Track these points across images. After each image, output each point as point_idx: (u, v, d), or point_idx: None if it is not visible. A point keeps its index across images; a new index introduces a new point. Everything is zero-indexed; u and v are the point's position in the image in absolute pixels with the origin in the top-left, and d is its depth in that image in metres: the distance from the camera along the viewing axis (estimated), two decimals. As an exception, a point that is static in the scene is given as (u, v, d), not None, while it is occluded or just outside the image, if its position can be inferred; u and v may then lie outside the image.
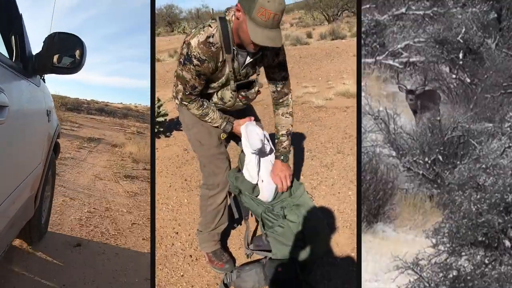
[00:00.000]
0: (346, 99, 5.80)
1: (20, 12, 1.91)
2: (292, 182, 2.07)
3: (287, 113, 2.05)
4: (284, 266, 1.95)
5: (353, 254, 2.38)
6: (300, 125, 4.69)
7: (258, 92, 1.96)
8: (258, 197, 2.02)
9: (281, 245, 1.96)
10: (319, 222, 2.04)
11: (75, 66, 1.91)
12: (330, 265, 2.29)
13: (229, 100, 1.93)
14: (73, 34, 1.90)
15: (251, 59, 1.82)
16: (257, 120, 2.20)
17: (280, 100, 2.04)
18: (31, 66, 1.90)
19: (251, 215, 2.31)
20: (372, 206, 2.55)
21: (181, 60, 1.78)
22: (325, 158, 3.67)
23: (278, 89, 2.00)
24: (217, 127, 2.01)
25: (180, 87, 1.87)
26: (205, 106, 1.93)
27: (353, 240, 2.49)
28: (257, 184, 2.03)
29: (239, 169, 2.11)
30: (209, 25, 1.72)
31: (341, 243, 2.47)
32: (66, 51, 1.89)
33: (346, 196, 3.00)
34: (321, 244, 2.04)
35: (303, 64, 8.80)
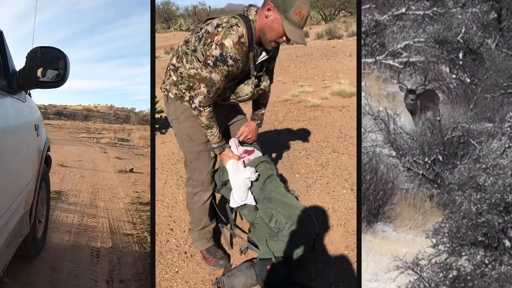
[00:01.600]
0: (342, 98, 5.82)
1: (1, 29, 1.89)
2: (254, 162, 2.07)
3: (268, 90, 2.18)
4: (274, 265, 1.94)
5: (347, 252, 2.38)
6: (296, 124, 4.69)
7: (271, 83, 2.06)
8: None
9: (260, 240, 1.98)
10: (300, 215, 2.02)
11: (59, 79, 1.89)
12: (324, 263, 2.29)
13: (247, 95, 1.96)
14: (55, 48, 1.89)
15: (267, 55, 1.90)
16: (242, 113, 2.25)
17: None
18: (16, 83, 1.86)
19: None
20: (372, 206, 2.55)
21: (209, 62, 1.75)
22: (320, 157, 3.67)
23: (270, 75, 2.12)
24: (208, 142, 2.02)
25: (203, 89, 1.82)
26: (214, 119, 1.93)
27: (347, 238, 2.50)
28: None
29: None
30: (237, 25, 1.74)
31: (335, 241, 2.47)
32: (49, 65, 1.87)
33: (340, 195, 3.00)
34: (304, 237, 2.01)
35: (299, 63, 8.80)
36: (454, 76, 3.39)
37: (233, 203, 2.02)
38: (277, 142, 3.94)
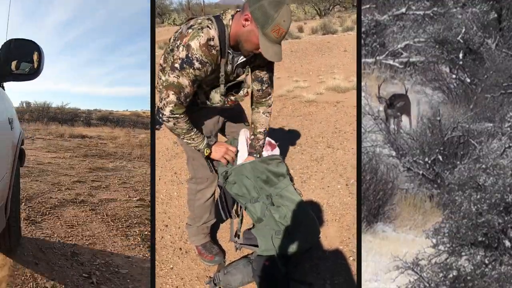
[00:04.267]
0: (337, 93, 5.80)
1: None
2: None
3: (268, 112, 2.09)
4: (271, 261, 1.96)
5: (342, 247, 2.39)
6: (290, 120, 4.70)
7: (247, 94, 1.95)
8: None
9: (265, 237, 1.98)
10: (305, 215, 2.06)
11: (33, 72, 1.87)
12: (319, 258, 2.30)
13: (218, 103, 1.88)
14: (30, 40, 1.87)
15: (243, 59, 1.81)
16: (244, 121, 2.23)
17: (263, 100, 2.06)
18: None
19: (239, 208, 2.32)
20: (372, 206, 2.55)
21: (176, 65, 1.66)
22: (315, 152, 3.68)
23: (264, 88, 2.01)
24: (197, 144, 1.94)
25: (171, 97, 1.71)
26: (189, 121, 1.85)
27: (342, 233, 2.50)
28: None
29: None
30: (208, 27, 1.66)
31: (330, 236, 2.48)
32: (23, 57, 1.85)
33: (335, 190, 3.01)
34: (307, 237, 2.05)
35: (294, 59, 8.75)
36: (454, 76, 3.39)
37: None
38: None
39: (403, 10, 3.69)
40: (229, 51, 1.75)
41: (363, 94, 2.98)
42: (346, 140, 3.92)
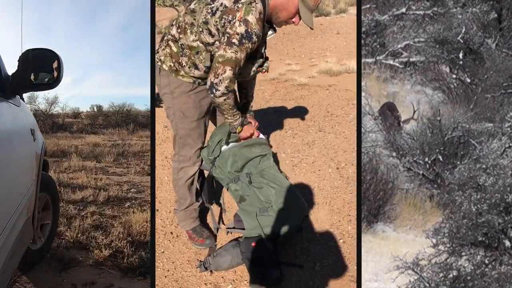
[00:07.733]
0: (329, 77, 5.74)
1: None
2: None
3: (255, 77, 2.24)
4: (258, 242, 1.97)
5: (332, 230, 2.39)
6: (282, 103, 4.67)
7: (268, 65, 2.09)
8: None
9: (250, 215, 2.00)
10: (290, 193, 2.07)
11: (53, 81, 1.87)
12: (309, 240, 2.30)
13: (249, 73, 1.95)
14: (47, 49, 1.86)
15: (272, 34, 1.91)
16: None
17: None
18: (9, 87, 1.83)
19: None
20: (372, 206, 2.55)
21: (234, 40, 1.70)
22: (307, 136, 3.68)
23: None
24: (234, 121, 2.01)
25: (228, 73, 1.74)
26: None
27: (332, 217, 2.50)
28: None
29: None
30: (255, 1, 1.73)
31: (321, 219, 2.47)
32: (42, 67, 1.85)
33: (326, 174, 3.00)
34: (293, 214, 2.06)
35: (286, 41, 8.64)
36: (454, 76, 3.39)
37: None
38: (263, 122, 3.93)
39: (403, 10, 3.69)
40: (266, 24, 1.82)
41: (363, 94, 2.98)
42: (338, 124, 3.92)
